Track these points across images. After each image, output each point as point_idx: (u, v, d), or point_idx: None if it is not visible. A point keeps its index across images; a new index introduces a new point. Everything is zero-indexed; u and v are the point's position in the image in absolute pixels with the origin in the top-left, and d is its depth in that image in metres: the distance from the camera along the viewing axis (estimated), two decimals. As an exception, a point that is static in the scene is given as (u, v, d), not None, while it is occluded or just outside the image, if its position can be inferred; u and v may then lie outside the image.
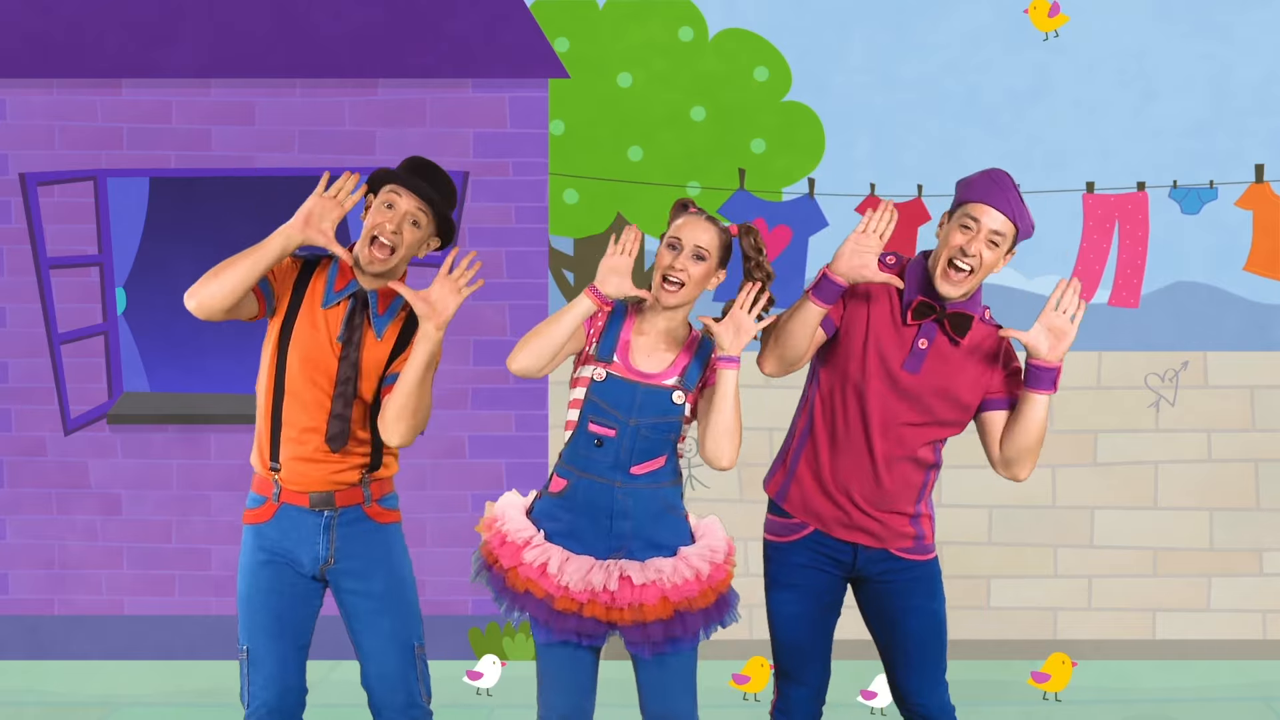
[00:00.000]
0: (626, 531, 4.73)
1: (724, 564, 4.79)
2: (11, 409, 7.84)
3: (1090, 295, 7.88)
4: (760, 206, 7.96)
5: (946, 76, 7.97)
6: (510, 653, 7.69)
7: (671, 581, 4.71)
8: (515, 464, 7.79)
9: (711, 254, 4.73)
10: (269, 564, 4.88)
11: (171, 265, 8.13)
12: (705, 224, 4.75)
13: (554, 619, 4.70)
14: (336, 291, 4.85)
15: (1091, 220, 7.90)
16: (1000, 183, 4.75)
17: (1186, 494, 8.00)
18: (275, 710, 4.87)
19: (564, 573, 4.70)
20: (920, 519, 4.90)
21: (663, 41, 7.96)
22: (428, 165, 4.89)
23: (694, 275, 4.72)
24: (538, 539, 4.75)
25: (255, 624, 4.87)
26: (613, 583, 4.70)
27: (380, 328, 4.86)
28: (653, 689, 4.79)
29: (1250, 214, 7.86)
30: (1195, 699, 7.15)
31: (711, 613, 4.76)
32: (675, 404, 4.74)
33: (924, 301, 4.78)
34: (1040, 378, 4.76)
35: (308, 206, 4.76)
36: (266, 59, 7.70)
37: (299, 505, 4.86)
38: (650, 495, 4.75)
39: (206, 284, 4.74)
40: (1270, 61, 7.91)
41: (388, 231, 4.79)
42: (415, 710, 4.93)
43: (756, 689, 7.10)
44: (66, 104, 7.74)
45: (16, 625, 7.87)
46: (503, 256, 7.72)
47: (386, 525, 4.95)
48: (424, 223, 4.84)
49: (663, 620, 4.70)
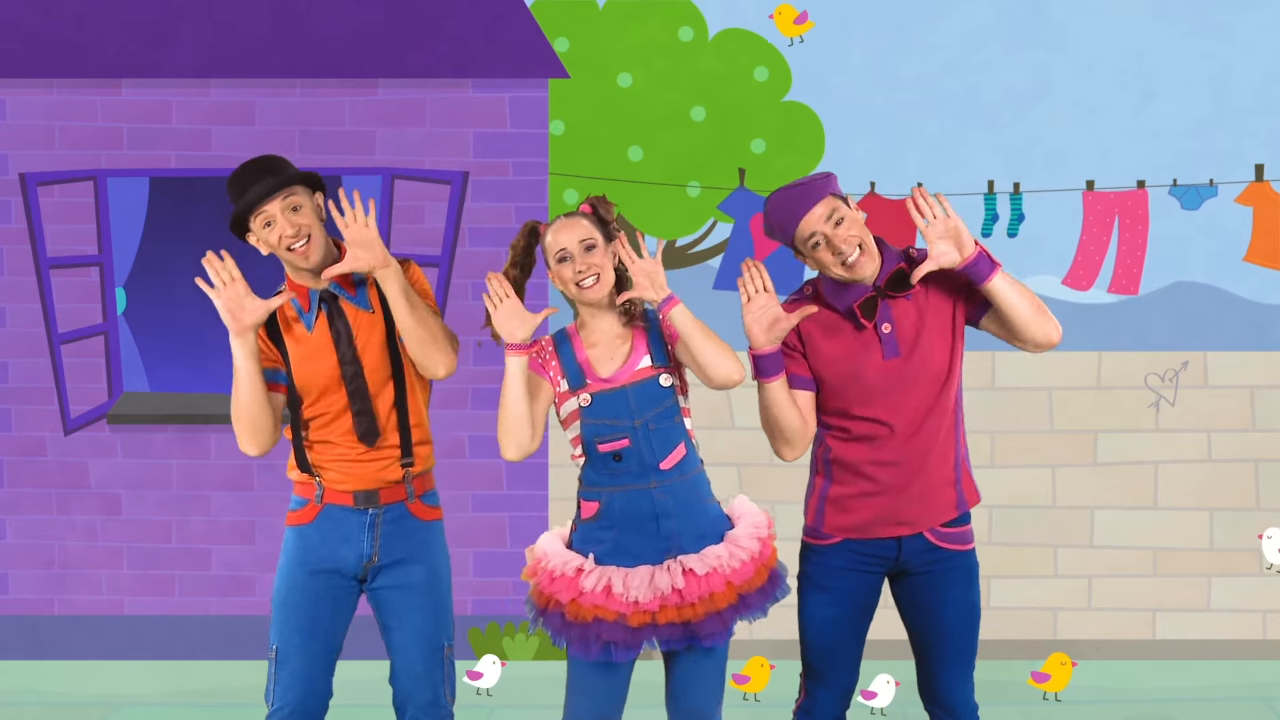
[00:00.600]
0: (673, 530, 4.73)
1: (769, 539, 4.81)
2: (11, 409, 7.84)
3: (1090, 283, 7.89)
4: (760, 202, 7.97)
5: (946, 76, 7.96)
6: (510, 653, 7.69)
7: (731, 566, 4.71)
8: (515, 464, 7.78)
9: (595, 237, 4.75)
10: (309, 569, 4.90)
11: (171, 265, 8.12)
12: (568, 221, 4.77)
13: (632, 636, 4.67)
14: (306, 311, 4.88)
15: (1091, 216, 7.90)
16: (783, 199, 4.78)
17: (1186, 494, 7.99)
18: (297, 711, 4.89)
19: (630, 588, 4.68)
20: (962, 481, 4.89)
21: (663, 41, 7.96)
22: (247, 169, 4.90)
23: (597, 262, 4.73)
24: (589, 564, 4.73)
25: (288, 626, 4.89)
26: (678, 581, 4.68)
27: (364, 303, 4.89)
28: (686, 685, 4.78)
29: (1250, 210, 7.85)
30: (1195, 699, 7.15)
31: (767, 589, 4.76)
32: (664, 386, 4.75)
33: (865, 300, 4.79)
34: (978, 271, 4.75)
35: (222, 307, 4.77)
36: (266, 59, 7.70)
37: (343, 505, 4.88)
38: (685, 488, 4.75)
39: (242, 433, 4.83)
40: (1270, 61, 7.91)
41: (289, 235, 4.82)
42: (439, 710, 4.95)
43: (756, 689, 7.09)
44: (66, 104, 7.74)
45: (16, 625, 7.87)
46: (503, 257, 7.72)
47: (430, 523, 4.98)
48: (300, 201, 4.86)
49: (733, 606, 4.70)
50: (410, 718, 4.94)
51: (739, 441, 7.81)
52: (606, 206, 4.82)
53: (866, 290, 4.80)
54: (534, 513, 7.76)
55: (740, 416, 7.87)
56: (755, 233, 7.98)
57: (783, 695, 5.78)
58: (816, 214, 4.74)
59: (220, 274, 4.78)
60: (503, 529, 7.81)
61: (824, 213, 4.75)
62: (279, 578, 4.93)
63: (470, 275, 7.74)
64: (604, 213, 4.81)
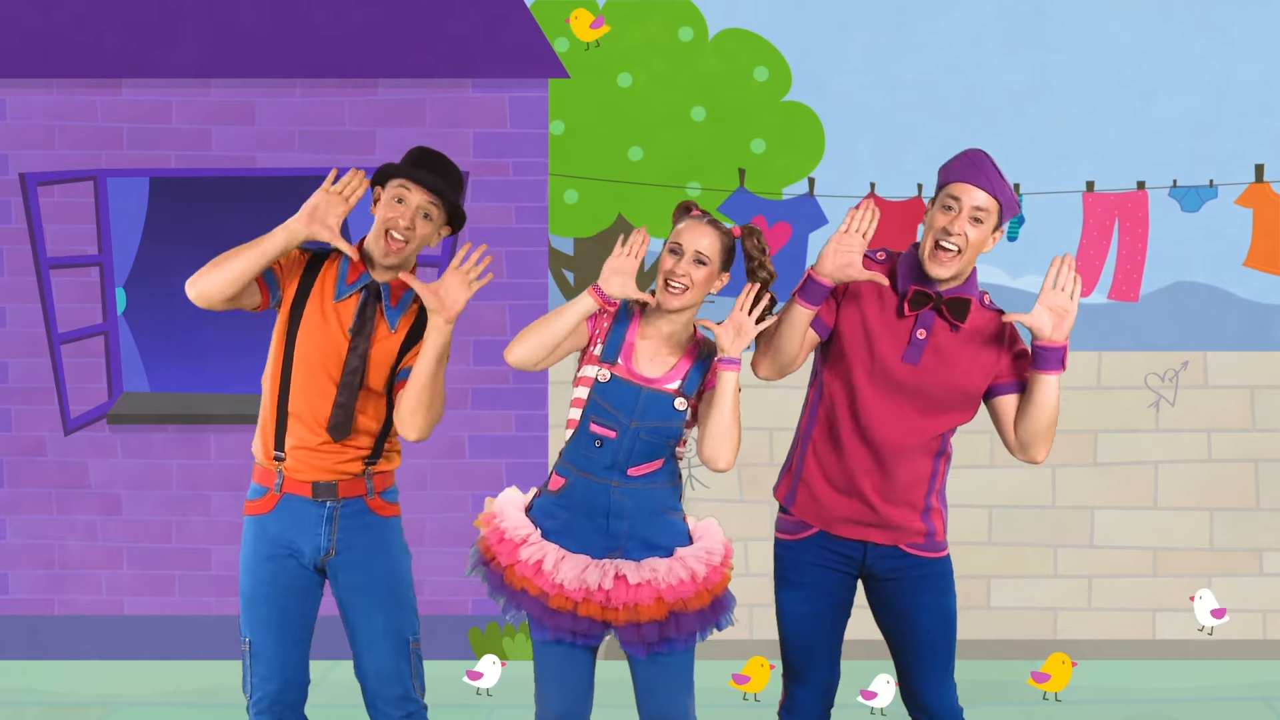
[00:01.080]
0: (623, 531, 4.73)
1: (720, 566, 4.79)
2: (11, 409, 7.84)
3: (1089, 292, 7.88)
4: (760, 204, 7.96)
5: (946, 76, 7.97)
6: (510, 653, 7.69)
7: (666, 582, 4.71)
8: (515, 464, 7.78)
9: (713, 258, 4.73)
10: (271, 558, 4.90)
11: (171, 265, 8.12)
12: (706, 228, 4.75)
13: (549, 616, 4.71)
14: (349, 284, 4.87)
15: (1091, 218, 7.90)
16: (977, 161, 4.75)
17: (1186, 494, 7.99)
18: (277, 702, 4.91)
19: (559, 570, 4.71)
20: (931, 514, 4.89)
21: (663, 41, 7.96)
22: (434, 156, 4.90)
23: (696, 280, 4.71)
24: (534, 536, 4.76)
25: (257, 617, 4.90)
26: (608, 581, 4.70)
27: (393, 320, 4.88)
28: (648, 689, 4.80)
29: (1250, 212, 7.86)
30: (1195, 699, 7.15)
31: (707, 615, 4.76)
32: (677, 410, 4.75)
33: (919, 291, 4.78)
34: (1047, 358, 4.76)
35: (313, 201, 4.77)
36: (266, 59, 7.70)
37: (301, 495, 4.88)
38: (646, 495, 4.75)
39: (208, 272, 4.76)
40: (1270, 61, 7.91)
41: (400, 226, 4.81)
42: (410, 704, 4.95)
43: (756, 689, 7.10)
44: (66, 104, 7.74)
45: (16, 625, 7.87)
46: (503, 256, 7.72)
47: (387, 519, 4.97)
48: (435, 215, 4.85)
49: (657, 621, 4.70)
50: (383, 713, 4.95)
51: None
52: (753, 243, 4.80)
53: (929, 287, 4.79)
54: (534, 513, 7.76)
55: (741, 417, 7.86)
56: (755, 233, 7.99)
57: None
58: (977, 195, 4.72)
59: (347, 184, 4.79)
60: (503, 529, 7.81)
61: (980, 202, 4.72)
62: (243, 570, 4.94)
63: (470, 275, 7.74)
64: (749, 246, 4.79)
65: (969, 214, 4.72)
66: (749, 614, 7.73)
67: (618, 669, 4.93)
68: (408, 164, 4.87)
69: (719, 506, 7.51)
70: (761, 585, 7.14)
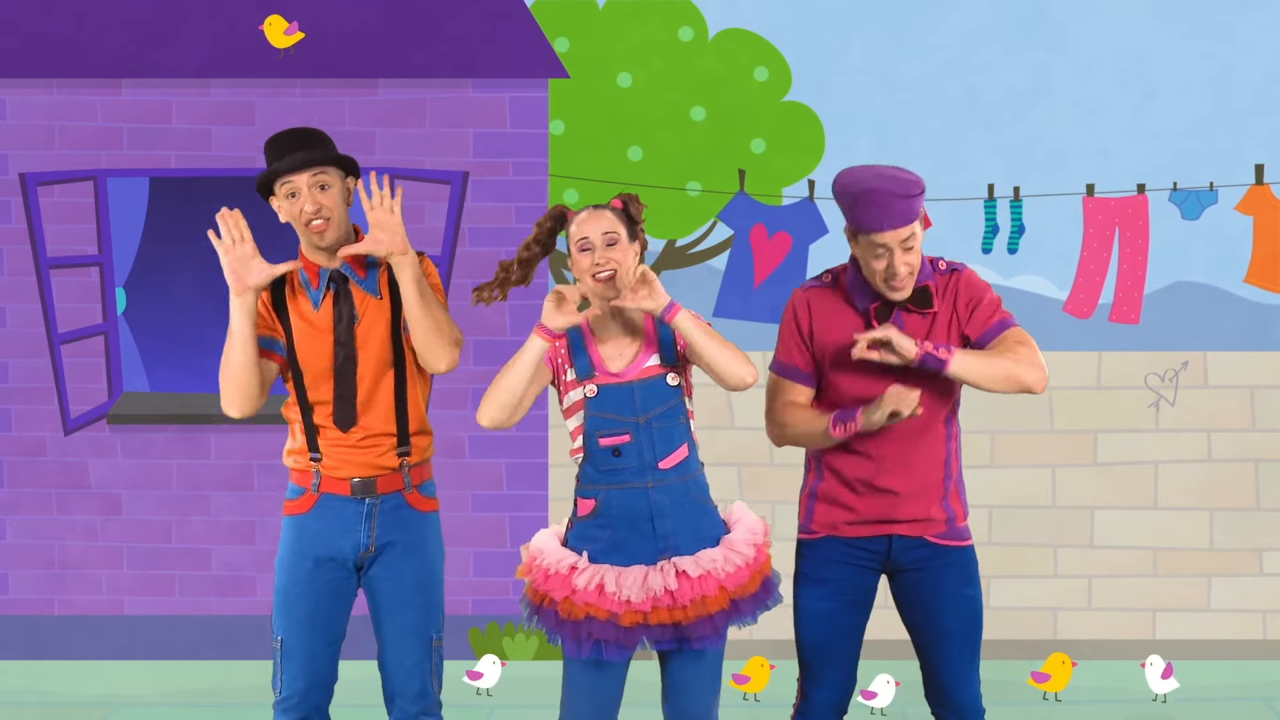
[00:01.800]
0: (669, 530, 4.73)
1: (765, 545, 4.81)
2: (11, 409, 7.84)
3: (1091, 309, 7.88)
4: (760, 211, 7.96)
5: (946, 76, 7.96)
6: (510, 653, 7.69)
7: (725, 570, 4.71)
8: (515, 464, 7.78)
9: (619, 232, 4.75)
10: (307, 558, 4.93)
11: (171, 265, 8.12)
12: (595, 212, 4.78)
13: (622, 635, 4.68)
14: (315, 289, 4.89)
15: (1092, 228, 7.89)
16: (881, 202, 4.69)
17: (1186, 494, 7.99)
18: (303, 701, 4.94)
19: (622, 587, 4.68)
20: (950, 498, 4.89)
21: (663, 41, 7.96)
22: (286, 135, 4.90)
23: (617, 258, 4.72)
24: (582, 563, 4.73)
25: (290, 618, 4.92)
26: (671, 582, 4.68)
27: (373, 287, 4.89)
28: (681, 686, 4.79)
29: (1250, 220, 7.85)
30: (1195, 699, 7.15)
31: (760, 595, 4.77)
32: (671, 386, 4.76)
33: (881, 305, 4.80)
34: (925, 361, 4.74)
35: (228, 267, 4.78)
36: (266, 59, 7.70)
37: (340, 494, 4.90)
38: (683, 489, 4.75)
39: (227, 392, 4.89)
40: (1270, 61, 7.91)
41: (309, 212, 4.83)
42: (427, 699, 4.98)
43: (756, 689, 7.10)
44: (66, 104, 7.74)
45: (16, 625, 7.87)
46: (503, 256, 7.72)
47: (426, 514, 4.99)
48: (329, 180, 4.86)
49: (724, 610, 4.70)
50: (399, 708, 4.99)
51: (739, 441, 7.81)
52: (637, 206, 4.83)
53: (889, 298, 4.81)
54: (534, 513, 7.76)
55: (740, 417, 7.87)
56: (755, 246, 7.99)
57: (783, 695, 5.78)
58: (900, 233, 4.71)
59: (231, 230, 4.79)
60: (503, 529, 7.81)
61: (904, 235, 4.71)
62: (279, 569, 4.95)
63: (470, 275, 7.74)
64: (634, 211, 4.82)
65: (901, 249, 4.72)
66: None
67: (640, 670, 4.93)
68: (272, 159, 4.87)
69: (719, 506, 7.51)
70: (761, 585, 7.14)
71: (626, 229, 4.77)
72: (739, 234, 7.95)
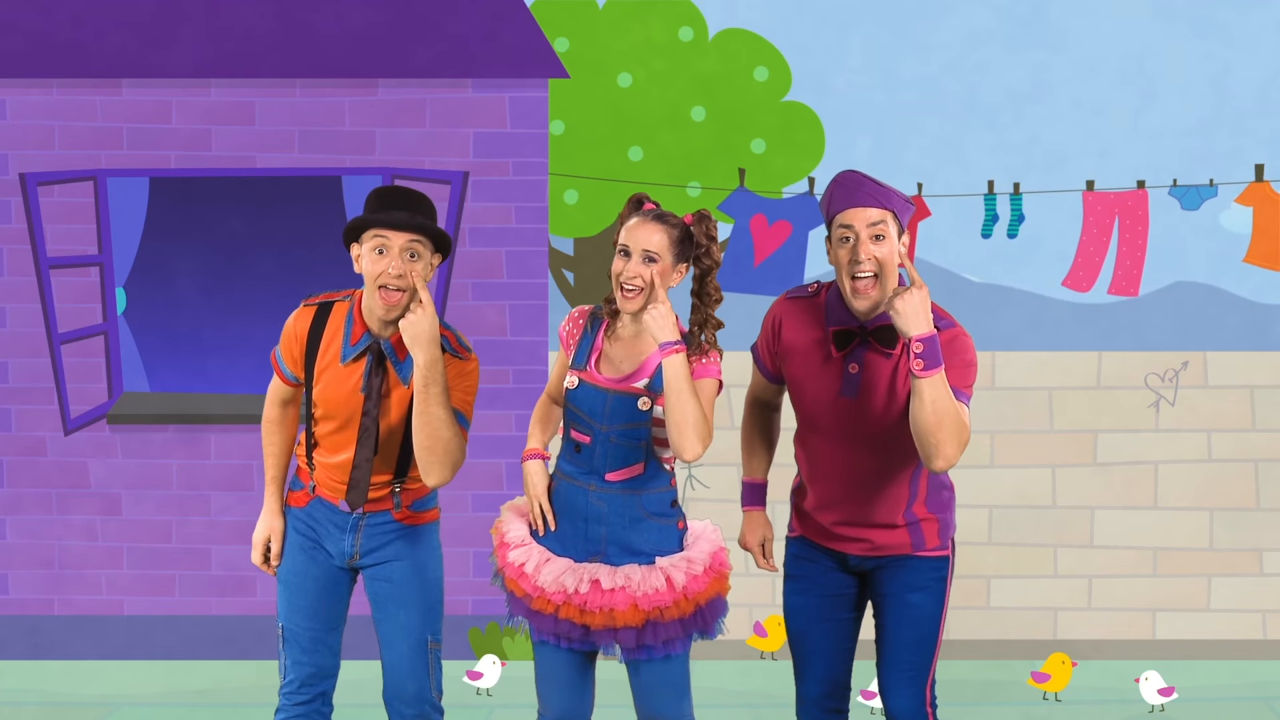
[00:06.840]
0: (601, 536, 4.74)
1: (703, 575, 4.74)
2: (11, 409, 7.84)
3: (1090, 284, 7.88)
4: (760, 202, 7.97)
5: (946, 76, 7.97)
6: (510, 653, 7.69)
7: (641, 590, 4.69)
8: (515, 464, 7.78)
9: (662, 254, 4.62)
10: (304, 549, 5.01)
11: (171, 265, 8.12)
12: (652, 224, 4.64)
13: (533, 618, 4.76)
14: (353, 346, 4.85)
15: (1091, 217, 7.90)
16: (852, 182, 4.65)
17: (1186, 494, 7.99)
18: (306, 685, 5.01)
19: (540, 573, 4.75)
20: (917, 526, 4.82)
21: (663, 41, 7.96)
22: (397, 191, 4.80)
23: (648, 278, 4.62)
24: (523, 539, 4.81)
25: (292, 606, 5.01)
26: (583, 586, 4.72)
27: (405, 374, 4.85)
28: (640, 691, 4.82)
29: (1250, 210, 7.86)
30: (1195, 699, 7.15)
31: (690, 623, 4.73)
32: (641, 410, 4.69)
33: (840, 331, 4.70)
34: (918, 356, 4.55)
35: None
36: (266, 59, 7.70)
37: (331, 502, 4.94)
38: (626, 501, 4.73)
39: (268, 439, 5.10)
40: (1270, 61, 7.91)
41: (392, 276, 4.73)
42: (425, 703, 5.01)
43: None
44: (66, 104, 7.74)
45: (16, 625, 7.87)
46: (502, 256, 7.72)
47: (416, 527, 5.00)
48: (421, 251, 4.76)
49: (633, 627, 4.69)
50: (397, 711, 5.03)
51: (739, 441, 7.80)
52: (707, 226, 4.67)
53: (853, 322, 4.72)
54: (534, 513, 7.75)
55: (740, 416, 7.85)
56: (755, 233, 7.98)
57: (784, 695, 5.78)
58: (867, 214, 4.63)
59: (269, 563, 5.07)
60: (503, 529, 7.81)
61: (874, 218, 4.62)
62: (284, 553, 5.04)
63: (470, 275, 7.74)
64: (698, 231, 4.66)
65: (867, 235, 4.62)
66: (749, 614, 7.74)
67: (618, 670, 4.93)
68: (375, 210, 4.76)
69: (720, 506, 7.51)
70: (762, 586, 7.15)
71: (676, 250, 4.64)
72: (739, 222, 7.96)
